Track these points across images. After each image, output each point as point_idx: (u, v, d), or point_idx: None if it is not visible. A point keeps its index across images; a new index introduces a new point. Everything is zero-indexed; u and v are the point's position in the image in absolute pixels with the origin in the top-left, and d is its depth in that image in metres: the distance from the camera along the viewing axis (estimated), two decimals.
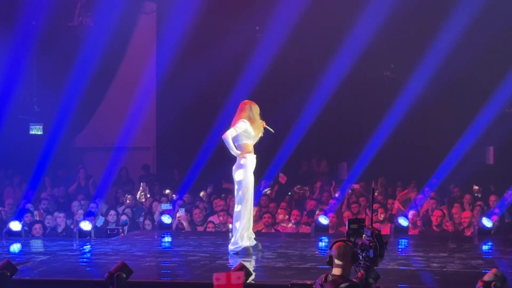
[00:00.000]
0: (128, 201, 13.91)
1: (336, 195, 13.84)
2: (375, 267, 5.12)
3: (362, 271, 5.16)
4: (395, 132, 15.73)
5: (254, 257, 8.95)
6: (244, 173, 9.10)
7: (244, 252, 9.07)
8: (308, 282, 6.14)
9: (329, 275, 5.31)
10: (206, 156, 15.70)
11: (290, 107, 16.18)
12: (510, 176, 14.27)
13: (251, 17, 16.19)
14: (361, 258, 5.13)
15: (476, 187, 14.70)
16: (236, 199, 9.24)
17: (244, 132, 9.09)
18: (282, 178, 15.36)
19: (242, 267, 6.65)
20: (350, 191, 14.29)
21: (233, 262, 8.53)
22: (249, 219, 9.19)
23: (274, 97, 16.38)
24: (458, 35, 15.54)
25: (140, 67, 17.39)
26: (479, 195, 14.32)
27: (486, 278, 6.10)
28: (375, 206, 12.96)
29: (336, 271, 5.34)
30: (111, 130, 17.26)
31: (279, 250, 9.74)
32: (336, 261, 5.36)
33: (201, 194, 14.81)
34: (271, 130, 9.39)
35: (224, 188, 15.53)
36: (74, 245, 10.65)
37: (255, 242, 9.34)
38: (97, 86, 16.53)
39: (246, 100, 9.32)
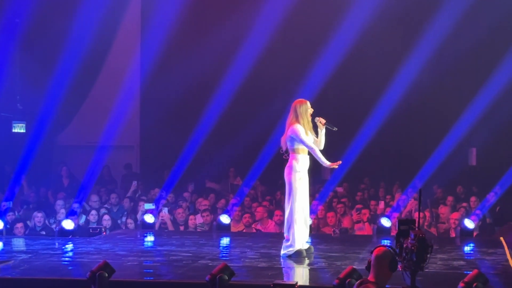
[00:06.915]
0: (112, 200, 13.85)
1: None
2: (420, 271, 5.08)
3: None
4: (379, 133, 15.76)
5: (307, 260, 8.77)
6: (294, 174, 8.74)
7: (297, 256, 8.79)
8: (291, 283, 6.14)
9: (364, 281, 5.24)
10: (190, 156, 15.66)
11: (276, 105, 16.16)
12: (492, 178, 14.34)
13: (236, 15, 16.15)
14: (405, 261, 5.08)
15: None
16: (286, 201, 8.92)
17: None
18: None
19: (225, 267, 6.64)
20: (332, 193, 14.31)
21: (216, 262, 8.50)
22: (300, 222, 8.82)
23: (260, 96, 16.35)
24: (442, 35, 15.62)
25: (124, 65, 17.30)
26: (462, 196, 14.38)
27: (468, 279, 6.12)
28: (359, 206, 12.99)
29: (372, 277, 5.27)
30: (94, 129, 17.16)
31: (262, 250, 9.73)
32: (373, 267, 5.28)
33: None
34: (333, 128, 8.96)
35: (207, 188, 15.49)
36: (56, 244, 10.59)
37: (308, 245, 9.09)
38: (80, 84, 16.43)
39: (297, 100, 8.85)
